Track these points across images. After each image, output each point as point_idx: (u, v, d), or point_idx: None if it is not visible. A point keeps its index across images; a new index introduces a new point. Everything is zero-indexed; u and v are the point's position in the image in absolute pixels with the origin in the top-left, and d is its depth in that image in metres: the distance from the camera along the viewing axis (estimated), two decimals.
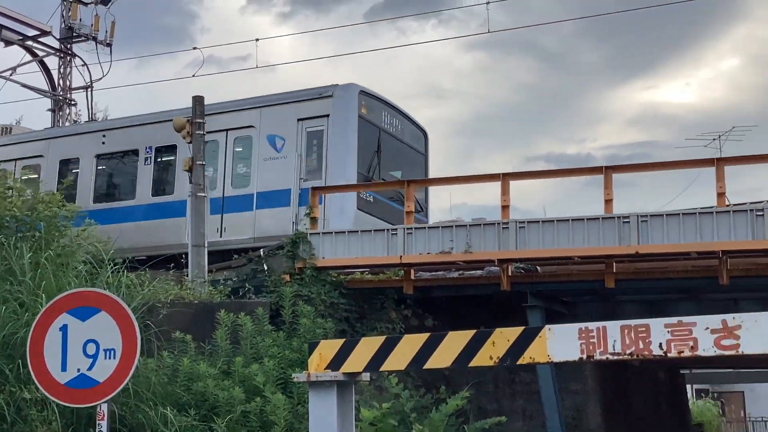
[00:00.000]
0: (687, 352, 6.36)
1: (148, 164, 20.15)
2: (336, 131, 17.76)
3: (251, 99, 19.59)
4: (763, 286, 14.00)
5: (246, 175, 18.77)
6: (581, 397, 15.05)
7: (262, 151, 18.48)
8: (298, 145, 18.04)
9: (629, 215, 12.82)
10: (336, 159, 17.60)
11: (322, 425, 7.31)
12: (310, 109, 18.25)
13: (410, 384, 13.15)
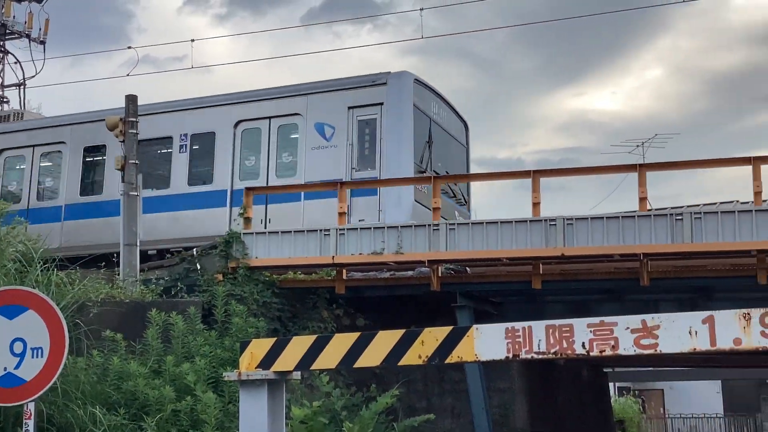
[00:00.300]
0: (608, 351, 6.48)
1: (183, 152, 19.34)
2: (391, 120, 17.12)
3: (296, 86, 18.78)
4: (681, 288, 14.36)
5: (292, 165, 18.08)
6: (508, 395, 15.22)
7: (310, 139, 17.74)
8: (348, 134, 17.38)
9: (556, 218, 13.00)
10: (391, 150, 16.98)
11: (252, 423, 7.27)
12: (361, 96, 17.59)
13: (341, 382, 13.14)
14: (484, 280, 14.48)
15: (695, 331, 6.26)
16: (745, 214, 12.22)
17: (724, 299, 14.17)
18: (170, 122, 19.49)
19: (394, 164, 16.83)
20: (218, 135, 18.51)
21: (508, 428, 14.97)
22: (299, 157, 17.85)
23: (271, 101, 18.45)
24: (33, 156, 20.94)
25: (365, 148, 17.38)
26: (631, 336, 6.42)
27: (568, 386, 20.49)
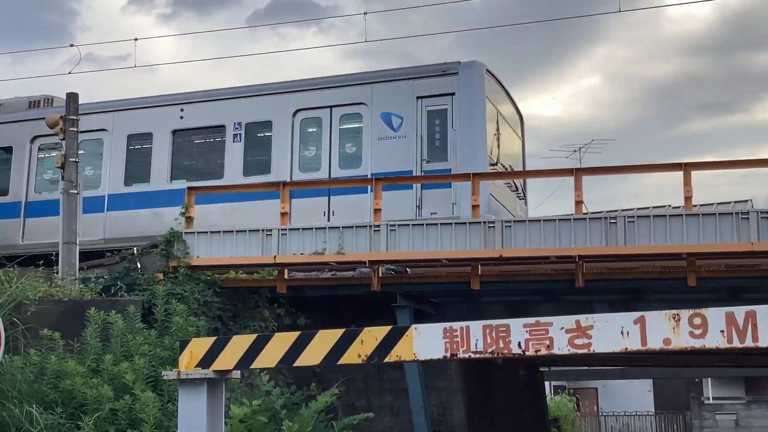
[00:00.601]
0: (543, 351, 6.54)
1: (237, 141, 18.46)
2: (463, 112, 16.50)
3: (361, 74, 18.27)
4: (614, 289, 14.58)
5: (356, 155, 17.40)
6: (446, 394, 15.28)
7: (376, 130, 17.05)
8: (417, 124, 16.77)
9: (494, 220, 13.12)
10: (465, 141, 16.36)
11: (191, 422, 7.17)
12: (431, 86, 16.93)
13: (282, 381, 13.07)
14: (423, 281, 14.52)
15: (627, 332, 6.35)
16: (676, 219, 12.46)
17: (655, 300, 14.46)
18: (222, 110, 18.57)
19: (469, 157, 16.22)
20: (275, 124, 17.87)
21: (445, 426, 15.03)
22: (364, 148, 17.22)
23: (333, 90, 17.71)
24: None
25: (435, 140, 16.78)
26: (566, 336, 6.48)
27: (505, 385, 20.64)
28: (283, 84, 18.41)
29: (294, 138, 17.68)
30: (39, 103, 20.97)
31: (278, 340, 7.13)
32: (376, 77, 17.65)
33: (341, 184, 16.42)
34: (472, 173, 13.86)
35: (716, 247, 12.34)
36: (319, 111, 17.57)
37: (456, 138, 16.44)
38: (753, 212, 12.21)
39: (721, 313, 6.09)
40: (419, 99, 16.82)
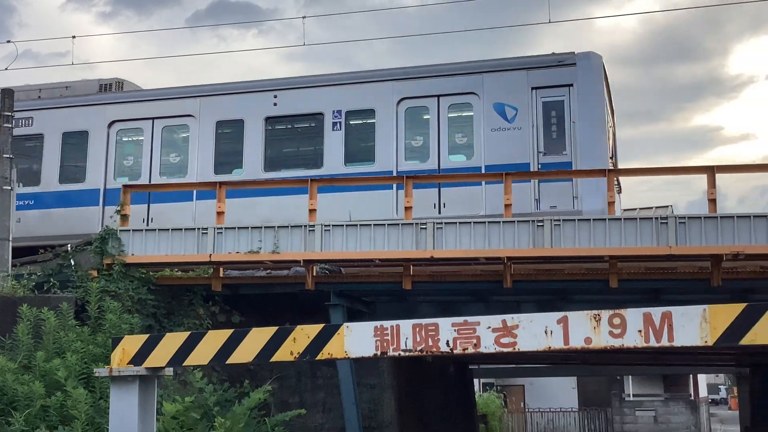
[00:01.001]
0: (471, 349, 6.62)
1: (337, 129, 17.57)
2: (582, 104, 16.04)
3: (470, 63, 17.39)
4: (541, 290, 14.78)
5: (467, 146, 16.76)
6: (378, 391, 15.32)
7: (488, 120, 16.43)
8: (532, 115, 16.22)
9: (426, 222, 13.16)
10: (585, 134, 15.91)
11: (122, 419, 7.09)
12: (547, 77, 16.38)
13: (215, 378, 12.95)
14: (357, 280, 14.53)
15: (551, 331, 6.47)
16: (600, 222, 12.68)
17: (579, 301, 14.69)
18: (321, 97, 17.69)
19: (588, 150, 15.82)
20: (378, 112, 17.17)
21: (376, 422, 15.08)
22: (476, 139, 16.60)
23: (441, 78, 17.01)
24: (153, 129, 18.58)
25: (552, 132, 16.27)
26: (492, 335, 6.58)
27: (435, 382, 20.80)
28: (387, 71, 17.79)
29: (399, 127, 17.07)
30: (111, 87, 19.78)
31: (211, 338, 7.09)
32: (487, 67, 17.03)
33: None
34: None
35: (637, 251, 12.60)
36: (425, 100, 16.98)
37: (574, 130, 16.02)
38: (671, 218, 12.51)
39: (639, 313, 6.24)
40: (534, 90, 16.38)
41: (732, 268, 13.18)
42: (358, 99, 17.41)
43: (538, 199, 15.71)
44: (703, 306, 6.11)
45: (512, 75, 16.57)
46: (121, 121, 18.64)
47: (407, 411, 16.66)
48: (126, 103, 18.98)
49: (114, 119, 18.67)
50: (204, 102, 18.27)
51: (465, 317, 6.70)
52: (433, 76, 17.11)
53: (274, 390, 13.00)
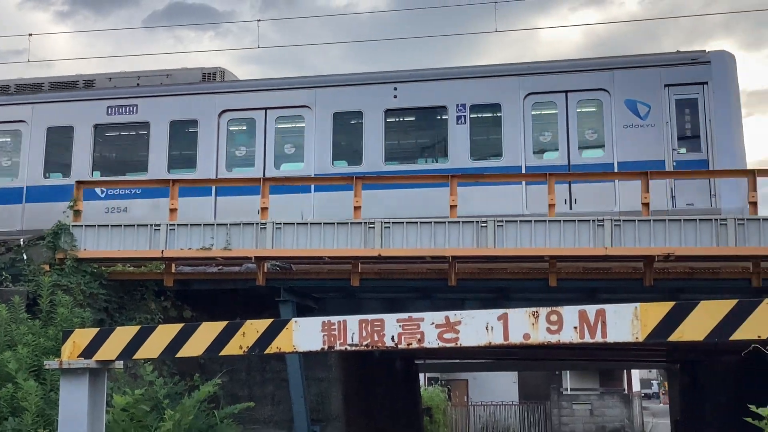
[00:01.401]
0: (415, 344, 6.64)
1: (462, 123, 16.86)
2: (719, 102, 15.71)
3: (600, 59, 17.02)
4: (484, 289, 14.89)
5: (597, 142, 16.38)
6: (326, 384, 15.30)
7: (619, 116, 16.06)
8: (666, 113, 15.85)
9: (374, 221, 13.18)
10: (723, 133, 15.57)
11: (72, 411, 6.98)
12: (680, 75, 16.05)
13: (166, 372, 12.81)
14: (307, 277, 14.49)
15: (491, 327, 6.52)
16: (540, 224, 12.83)
17: (520, 299, 14.82)
18: (444, 90, 17.10)
19: (726, 148, 15.52)
20: (504, 107, 16.66)
21: (324, 415, 15.06)
22: (606, 135, 16.24)
23: (570, 74, 16.61)
24: (266, 120, 17.71)
25: (686, 129, 15.98)
26: (436, 330, 6.61)
27: (382, 376, 20.84)
28: (514, 66, 17.42)
29: (525, 122, 16.69)
30: (214, 75, 18.83)
31: (161, 332, 7.01)
32: (618, 63, 16.66)
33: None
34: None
35: (575, 251, 12.78)
36: (552, 95, 16.64)
37: (710, 128, 15.72)
38: (608, 220, 12.68)
39: (575, 311, 6.33)
40: (667, 87, 16.11)
41: (663, 268, 13.44)
42: (483, 93, 17.00)
43: (674, 196, 15.47)
44: (635, 304, 6.21)
45: (645, 72, 16.30)
46: (233, 110, 17.88)
47: (354, 404, 16.67)
48: (238, 92, 18.18)
49: (225, 108, 17.83)
50: (320, 93, 17.58)
51: (410, 313, 6.71)
52: (561, 72, 16.82)
53: (223, 383, 12.89)
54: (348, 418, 15.86)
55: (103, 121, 18.18)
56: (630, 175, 14.40)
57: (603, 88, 16.40)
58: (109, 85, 18.72)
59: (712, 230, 12.40)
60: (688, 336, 6.06)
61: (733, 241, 12.30)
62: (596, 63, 16.94)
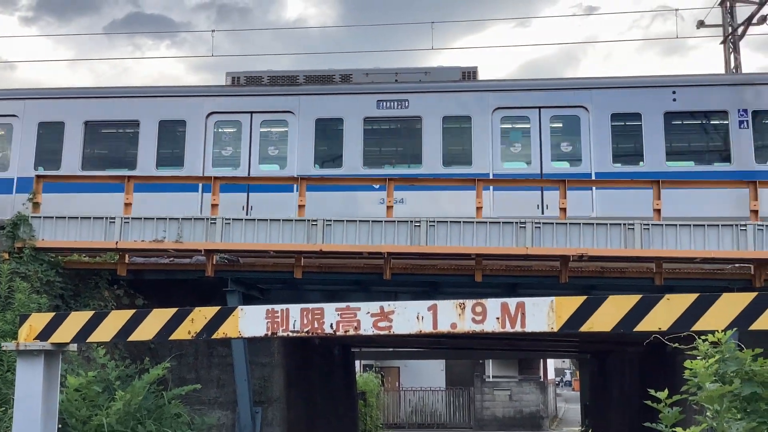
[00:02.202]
0: (351, 331, 6.66)
1: (744, 128, 15.93)
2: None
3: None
4: (416, 283, 14.97)
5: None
6: (268, 369, 15.20)
7: None
8: None
9: (317, 219, 13.16)
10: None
11: (27, 390, 6.82)
12: None
13: (118, 356, 12.59)
14: (253, 269, 14.39)
15: (422, 317, 6.57)
16: (468, 225, 12.97)
17: (449, 293, 14.93)
18: (724, 96, 16.34)
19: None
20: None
21: (266, 397, 14.96)
22: None
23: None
24: (541, 118, 16.77)
25: None
26: (371, 319, 6.63)
27: (321, 362, 20.79)
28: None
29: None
30: (471, 75, 17.59)
31: (114, 317, 6.90)
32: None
33: None
34: (659, 180, 13.38)
35: (499, 250, 12.95)
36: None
37: None
38: (529, 222, 12.89)
39: (498, 303, 6.41)
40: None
41: (578, 267, 13.72)
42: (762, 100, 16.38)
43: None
44: (551, 298, 6.33)
45: None
46: (506, 108, 16.98)
47: (295, 387, 16.60)
48: (511, 91, 17.21)
49: (498, 106, 16.91)
50: (595, 95, 16.65)
51: (348, 303, 6.74)
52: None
53: (172, 367, 12.71)
54: (288, 400, 15.79)
55: (373, 115, 17.11)
56: (551, 182, 14.69)
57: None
58: (366, 80, 17.68)
59: (621, 234, 12.70)
60: (598, 327, 6.19)
61: (639, 244, 12.61)
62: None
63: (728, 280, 13.60)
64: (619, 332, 6.30)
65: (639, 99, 16.51)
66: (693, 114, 16.59)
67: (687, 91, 16.44)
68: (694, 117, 16.64)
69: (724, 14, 21.64)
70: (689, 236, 12.59)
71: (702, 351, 5.53)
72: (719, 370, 5.40)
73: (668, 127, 16.32)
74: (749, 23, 20.78)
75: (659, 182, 13.26)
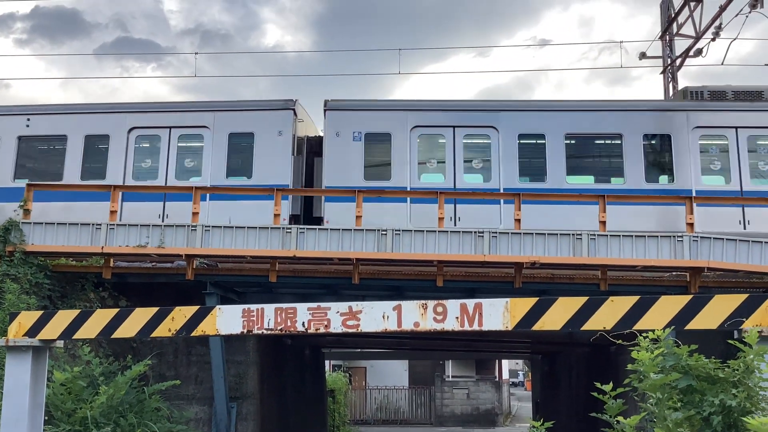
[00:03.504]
0: (322, 329, 6.64)
1: None
2: None
3: None
4: (382, 287, 14.96)
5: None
6: (244, 367, 15.06)
7: None
8: None
9: (291, 227, 13.11)
10: None
11: (16, 384, 6.69)
12: None
13: (102, 353, 12.38)
14: (231, 273, 14.26)
15: (387, 316, 6.59)
16: (431, 233, 13.01)
17: (412, 297, 14.94)
18: None
19: None
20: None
21: (241, 393, 14.80)
22: None
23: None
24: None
25: None
26: (340, 318, 6.63)
27: (293, 361, 20.64)
28: None
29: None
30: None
31: (99, 315, 6.80)
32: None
33: None
34: (605, 195, 13.43)
35: (458, 257, 12.99)
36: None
37: None
38: (486, 232, 12.96)
39: (457, 303, 6.45)
40: None
41: (530, 274, 13.81)
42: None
43: None
44: (507, 299, 6.37)
45: None
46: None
47: (268, 384, 16.45)
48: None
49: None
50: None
51: (319, 303, 6.72)
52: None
53: (153, 364, 12.55)
54: (262, 396, 15.65)
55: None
56: (507, 195, 14.83)
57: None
58: None
59: (570, 243, 12.83)
60: (549, 326, 6.25)
61: (586, 253, 12.75)
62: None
63: (666, 286, 13.79)
64: (568, 331, 6.36)
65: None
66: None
67: None
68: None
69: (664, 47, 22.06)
70: (631, 246, 12.76)
71: (644, 347, 5.60)
72: (659, 364, 5.47)
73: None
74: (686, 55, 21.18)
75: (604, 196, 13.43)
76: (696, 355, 5.48)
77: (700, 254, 12.73)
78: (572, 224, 14.12)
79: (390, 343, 26.76)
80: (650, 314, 6.04)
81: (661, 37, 22.11)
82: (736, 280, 13.78)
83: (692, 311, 6.01)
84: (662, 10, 22.09)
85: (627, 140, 16.21)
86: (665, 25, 21.86)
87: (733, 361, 5.37)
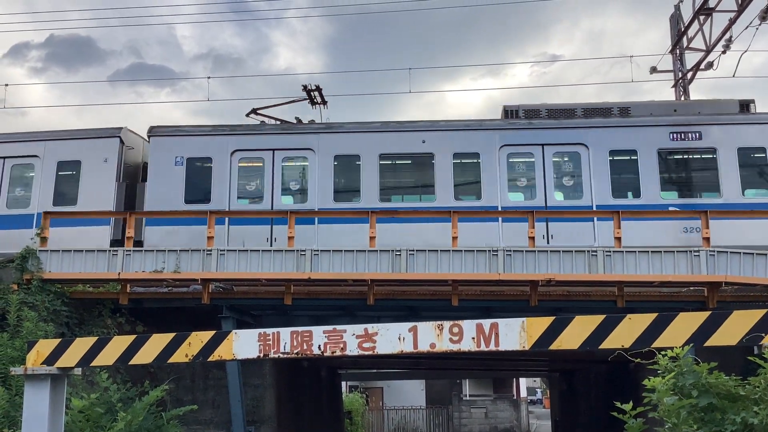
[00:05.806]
0: (338, 352, 6.60)
1: None
2: None
3: None
4: (397, 308, 14.92)
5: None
6: (260, 390, 15.02)
7: None
8: None
9: (305, 249, 13.13)
10: None
11: (34, 412, 6.68)
12: None
13: (119, 379, 12.38)
14: (246, 296, 14.29)
15: (403, 337, 6.53)
16: (445, 253, 12.98)
17: (427, 316, 14.88)
18: None
19: None
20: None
21: (258, 416, 14.76)
22: None
23: None
24: None
25: None
26: (356, 340, 6.58)
27: (309, 384, 20.58)
28: None
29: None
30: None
31: (117, 342, 6.79)
32: None
33: None
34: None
35: (473, 276, 12.95)
36: None
37: None
38: (501, 250, 12.93)
39: (473, 324, 6.39)
40: None
41: (546, 291, 13.73)
42: None
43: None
44: (523, 318, 6.33)
45: None
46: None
47: (285, 407, 16.40)
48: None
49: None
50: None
51: (334, 326, 6.70)
52: None
53: (170, 389, 12.55)
54: (279, 420, 15.59)
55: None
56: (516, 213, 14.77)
57: None
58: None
59: (585, 260, 12.76)
60: (566, 345, 6.18)
61: (602, 269, 12.67)
62: None
63: (684, 301, 13.66)
64: (586, 350, 6.30)
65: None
66: None
67: None
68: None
69: (675, 61, 22.03)
70: (647, 262, 12.66)
71: (662, 365, 5.54)
72: (678, 383, 5.40)
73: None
74: (697, 68, 21.15)
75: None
76: (716, 373, 5.41)
77: (717, 269, 12.61)
78: None
79: (406, 362, 26.64)
80: (668, 332, 5.97)
81: (672, 50, 22.10)
82: (755, 294, 13.63)
83: (711, 328, 5.94)
84: (672, 24, 22.09)
85: None
86: (675, 38, 21.84)
87: (753, 378, 5.29)
